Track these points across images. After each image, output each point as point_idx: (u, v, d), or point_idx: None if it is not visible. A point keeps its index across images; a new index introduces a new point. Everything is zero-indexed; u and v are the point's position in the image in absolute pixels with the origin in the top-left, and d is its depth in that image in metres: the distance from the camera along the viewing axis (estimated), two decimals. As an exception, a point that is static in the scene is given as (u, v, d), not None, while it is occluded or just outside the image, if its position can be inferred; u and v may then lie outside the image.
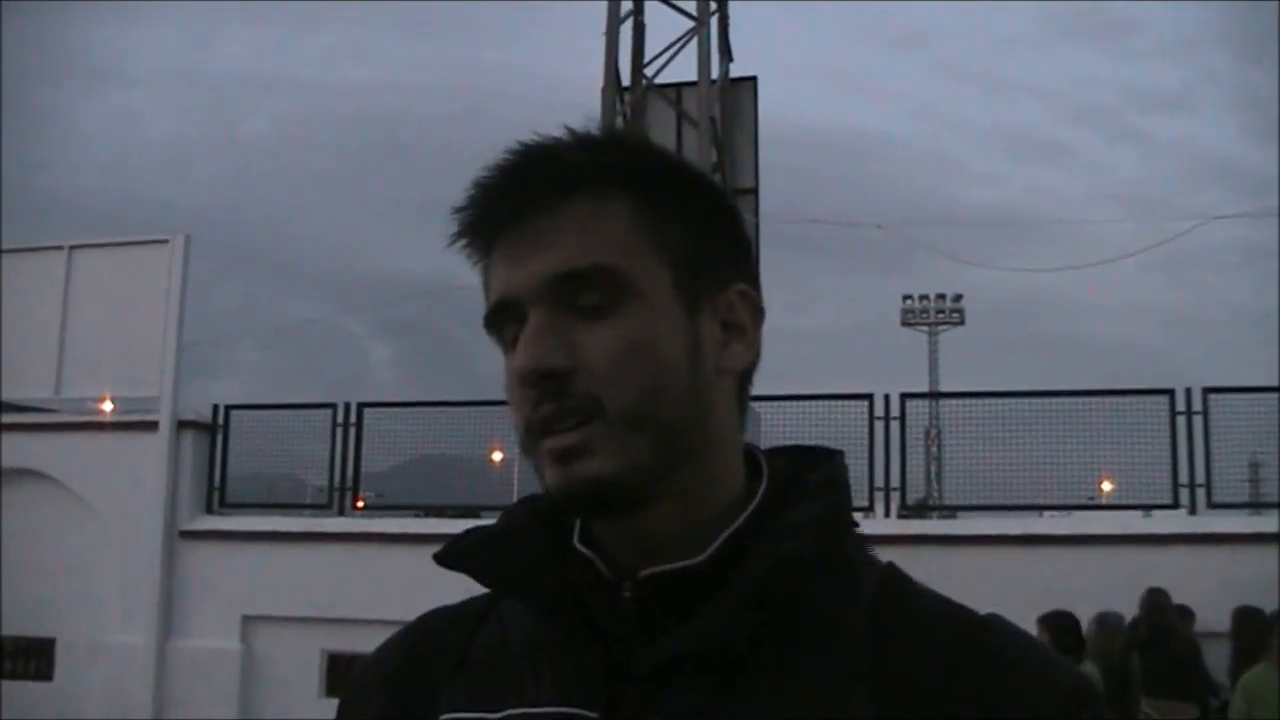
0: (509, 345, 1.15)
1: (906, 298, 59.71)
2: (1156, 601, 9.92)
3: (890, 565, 1.21)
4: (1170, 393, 12.13)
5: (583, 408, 1.09)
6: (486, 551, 1.21)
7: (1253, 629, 9.34)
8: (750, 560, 1.10)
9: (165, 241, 13.75)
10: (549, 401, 1.10)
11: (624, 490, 1.10)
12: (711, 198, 1.22)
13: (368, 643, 1.35)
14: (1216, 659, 9.90)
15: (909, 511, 12.90)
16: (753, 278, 1.22)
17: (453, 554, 1.21)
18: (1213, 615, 10.19)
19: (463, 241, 1.18)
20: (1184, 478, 11.93)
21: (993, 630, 1.13)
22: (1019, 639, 1.14)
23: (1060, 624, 7.89)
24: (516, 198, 1.13)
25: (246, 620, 13.18)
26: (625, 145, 1.19)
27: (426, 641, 1.28)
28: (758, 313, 1.21)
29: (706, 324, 1.16)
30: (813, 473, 1.21)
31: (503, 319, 1.15)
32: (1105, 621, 9.02)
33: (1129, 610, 9.86)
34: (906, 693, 1.06)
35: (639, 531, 1.13)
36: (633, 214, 1.14)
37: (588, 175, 1.13)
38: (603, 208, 1.13)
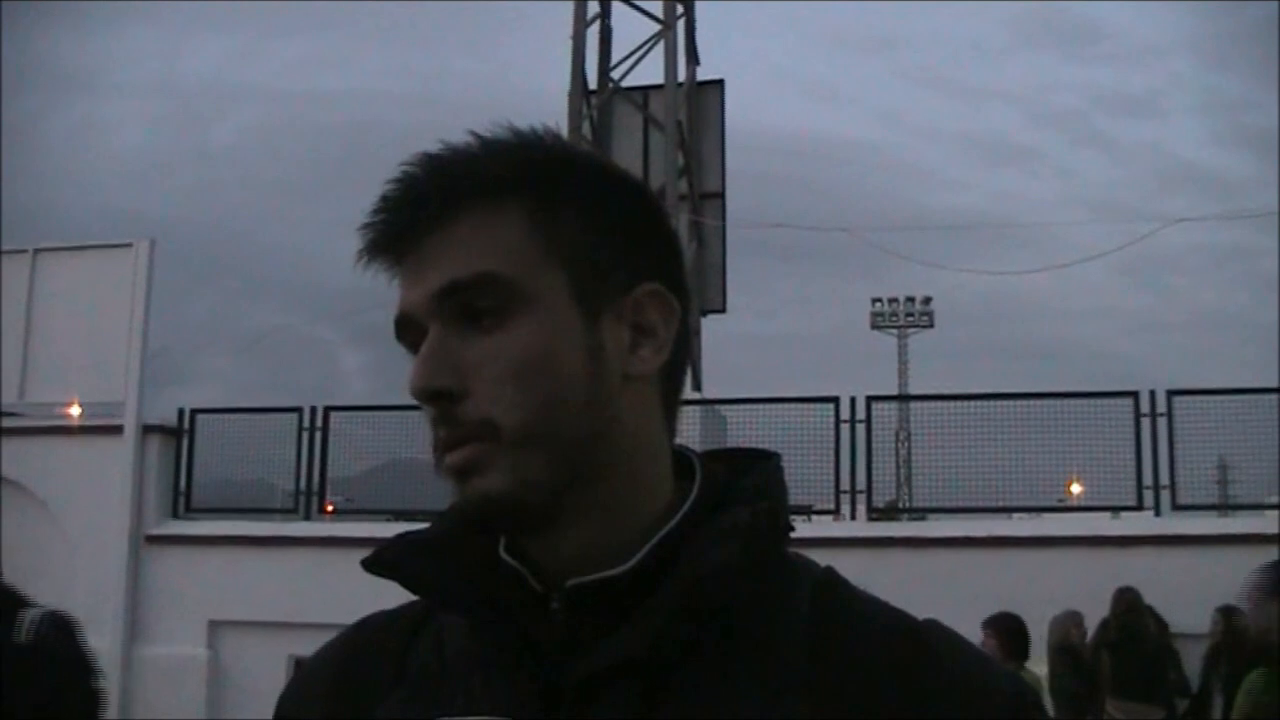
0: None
1: (875, 300, 59.77)
2: (1127, 601, 9.94)
3: (828, 570, 1.19)
4: (1135, 395, 12.20)
5: (475, 429, 1.08)
6: (415, 560, 1.18)
7: (1234, 630, 9.42)
8: (679, 568, 1.08)
9: (129, 245, 13.69)
10: (443, 424, 1.09)
11: (519, 508, 1.09)
12: (624, 198, 1.18)
13: (308, 659, 1.33)
14: (1184, 660, 10.00)
15: (878, 514, 12.94)
16: (672, 276, 1.19)
17: (381, 561, 1.18)
18: (1180, 616, 10.26)
19: (366, 261, 1.16)
20: (1149, 480, 11.99)
21: (931, 637, 1.12)
22: (957, 645, 1.13)
23: (1006, 627, 7.80)
24: (410, 215, 1.11)
25: (213, 626, 13.12)
26: (526, 148, 1.15)
27: (362, 652, 1.26)
28: (671, 312, 1.17)
29: (610, 328, 1.13)
30: (745, 477, 1.19)
31: (407, 335, 1.14)
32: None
33: (1098, 611, 9.92)
34: (842, 701, 1.05)
35: (560, 545, 1.12)
36: (526, 219, 1.11)
37: (478, 185, 1.11)
38: (494, 215, 1.11)
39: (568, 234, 1.12)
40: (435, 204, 1.11)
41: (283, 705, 1.31)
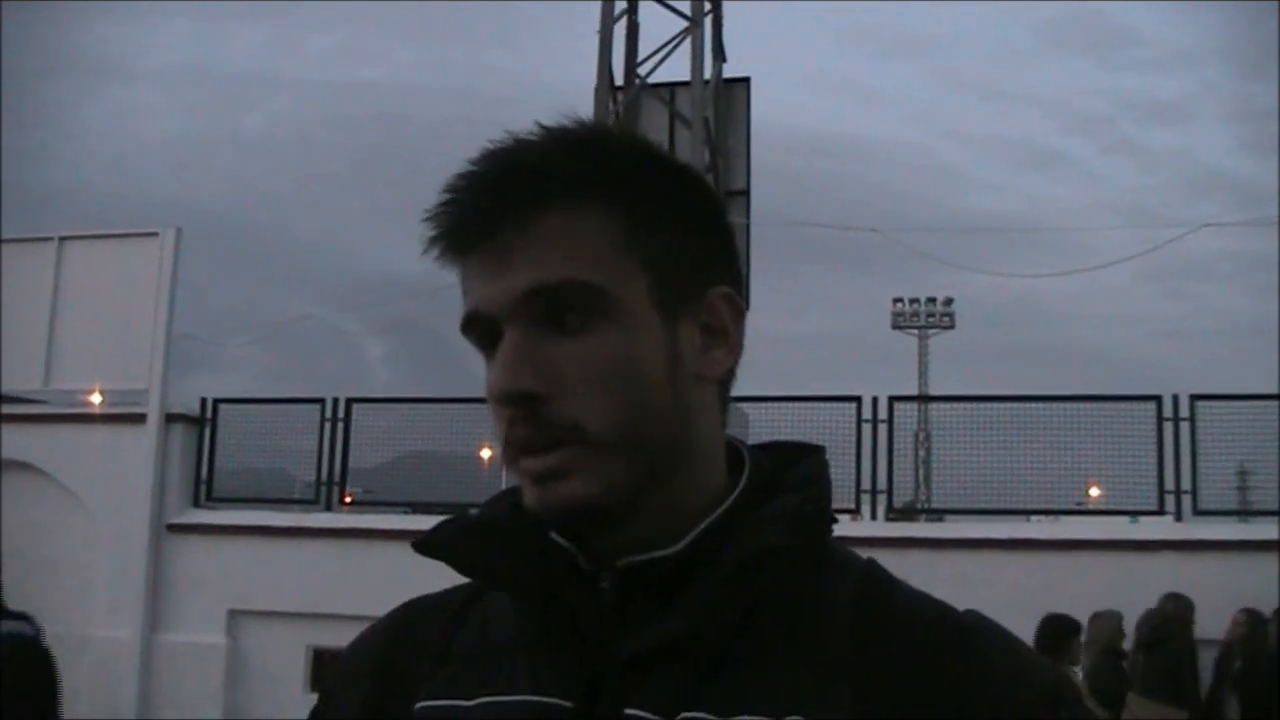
0: (485, 353, 1.14)
1: (897, 300, 59.56)
2: (1163, 607, 9.95)
3: (871, 562, 1.21)
4: (1158, 399, 12.14)
5: (560, 431, 1.09)
6: (466, 541, 1.20)
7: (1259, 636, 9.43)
8: (726, 551, 1.10)
9: (155, 234, 13.71)
10: (525, 424, 1.09)
11: (602, 511, 1.10)
12: (695, 197, 1.19)
13: (353, 638, 1.36)
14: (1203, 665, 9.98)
15: (896, 514, 12.91)
16: (736, 275, 1.20)
17: (432, 542, 1.21)
18: (1200, 622, 10.22)
19: (435, 252, 1.15)
20: (1170, 484, 11.93)
21: (973, 628, 1.13)
22: (999, 637, 1.14)
23: (1054, 628, 7.92)
24: (488, 211, 1.10)
25: (233, 615, 13.15)
26: (603, 147, 1.15)
27: (407, 633, 1.28)
28: (739, 315, 1.19)
29: (686, 331, 1.15)
30: (794, 468, 1.21)
31: (477, 328, 1.14)
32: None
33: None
34: (885, 689, 1.06)
35: (619, 534, 1.13)
36: (608, 223, 1.11)
37: (561, 185, 1.11)
38: (577, 218, 1.10)
39: (649, 237, 1.13)
40: (517, 198, 1.10)
41: (328, 683, 1.33)
